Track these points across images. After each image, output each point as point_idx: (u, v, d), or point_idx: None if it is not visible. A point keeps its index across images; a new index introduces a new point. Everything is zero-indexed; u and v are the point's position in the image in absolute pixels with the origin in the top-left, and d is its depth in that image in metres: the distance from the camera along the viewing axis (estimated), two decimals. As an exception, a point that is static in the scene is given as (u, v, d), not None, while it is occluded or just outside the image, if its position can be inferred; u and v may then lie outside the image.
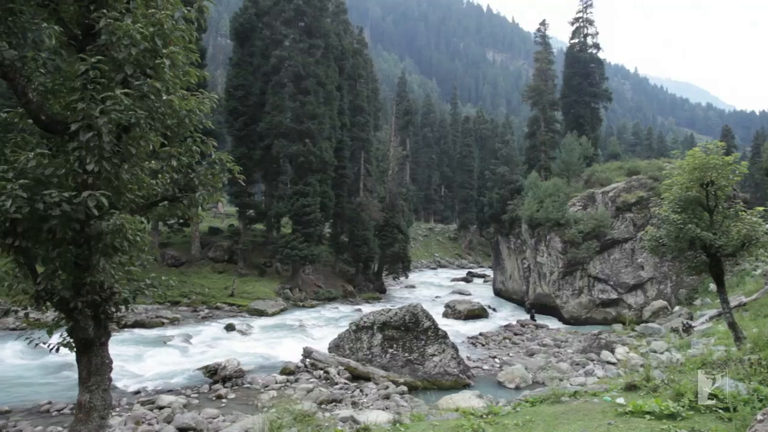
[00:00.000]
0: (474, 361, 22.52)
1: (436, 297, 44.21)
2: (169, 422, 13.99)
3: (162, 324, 26.57)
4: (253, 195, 45.24)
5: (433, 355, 20.07)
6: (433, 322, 21.15)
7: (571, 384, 16.26)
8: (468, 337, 27.58)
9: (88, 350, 6.41)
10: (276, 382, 18.39)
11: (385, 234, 47.21)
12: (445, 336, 20.87)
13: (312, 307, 35.40)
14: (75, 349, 6.48)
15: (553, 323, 33.67)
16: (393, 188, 50.27)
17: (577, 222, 34.65)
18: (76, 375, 6.65)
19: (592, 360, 21.66)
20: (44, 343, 6.81)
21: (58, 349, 6.70)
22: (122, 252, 6.36)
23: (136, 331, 24.82)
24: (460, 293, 46.48)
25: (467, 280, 59.21)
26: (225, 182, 8.51)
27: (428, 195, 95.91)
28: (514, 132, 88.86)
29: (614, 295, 33.32)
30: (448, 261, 78.66)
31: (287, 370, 19.70)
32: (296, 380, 18.79)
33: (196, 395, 17.00)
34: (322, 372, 19.45)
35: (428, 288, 51.46)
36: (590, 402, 8.55)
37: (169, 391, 17.15)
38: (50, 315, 6.73)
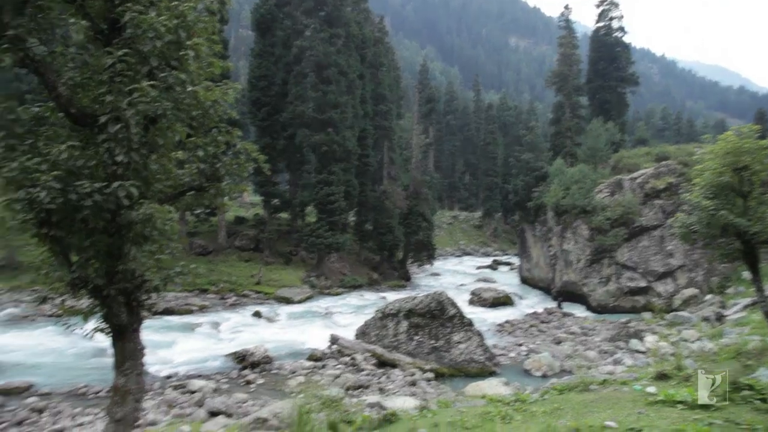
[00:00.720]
0: (500, 349, 22.46)
1: (461, 285, 44.10)
2: (200, 406, 14.30)
3: (191, 311, 27.00)
4: (278, 184, 45.52)
5: (459, 342, 20.07)
6: (459, 309, 21.14)
7: (599, 372, 16.13)
8: (494, 325, 27.50)
9: (121, 336, 6.57)
10: (303, 368, 18.63)
11: (410, 222, 47.12)
12: (470, 323, 20.85)
13: (337, 294, 35.64)
14: (109, 335, 6.65)
15: (580, 311, 33.35)
16: (417, 176, 50.08)
17: (604, 209, 34.14)
18: (110, 360, 6.82)
19: (621, 348, 21.42)
20: (80, 329, 6.99)
21: (93, 335, 6.88)
22: (152, 241, 6.48)
23: (167, 318, 25.27)
24: (486, 281, 46.27)
25: (492, 267, 58.88)
26: (250, 172, 8.59)
27: (452, 183, 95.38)
28: (538, 118, 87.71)
29: (643, 283, 32.82)
30: (472, 249, 78.28)
31: (314, 357, 19.91)
32: (323, 366, 18.99)
33: (225, 380, 17.33)
34: (348, 358, 19.62)
35: (453, 276, 51.34)
36: (619, 390, 8.47)
37: (199, 376, 17.51)
38: (85, 302, 6.90)
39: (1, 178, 6.42)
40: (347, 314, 28.60)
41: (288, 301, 31.37)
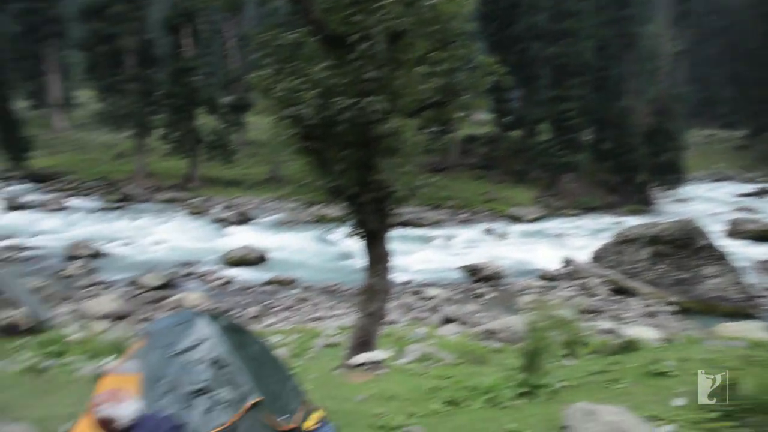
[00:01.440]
0: (762, 290, 19.51)
1: (715, 213, 38.90)
2: (434, 312, 15.36)
3: (425, 225, 28.51)
4: (510, 101, 44.43)
5: (709, 276, 17.97)
6: (711, 240, 18.82)
7: None
8: (756, 262, 23.84)
9: (372, 241, 7.25)
10: (534, 287, 18.65)
11: (654, 141, 42.46)
12: (723, 257, 18.48)
13: (570, 216, 34.33)
14: (362, 239, 7.38)
15: None
16: (665, 89, 44.46)
17: None
18: (355, 263, 7.62)
19: None
20: (334, 234, 7.89)
21: (342, 241, 7.73)
22: (399, 154, 6.88)
23: (404, 229, 27.04)
24: (748, 210, 40.12)
25: (759, 195, 50.56)
26: (488, 86, 8.47)
27: (709, 96, 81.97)
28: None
29: None
30: (732, 173, 67.91)
31: (545, 276, 19.77)
32: (554, 287, 18.75)
33: (457, 291, 18.25)
34: (581, 281, 19.01)
35: (705, 203, 45.45)
36: None
37: (434, 285, 18.74)
38: (335, 211, 7.72)
39: (272, 98, 7.32)
40: (580, 237, 27.48)
41: (519, 219, 31.28)
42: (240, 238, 23.99)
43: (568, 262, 20.63)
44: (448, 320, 14.50)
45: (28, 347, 9.38)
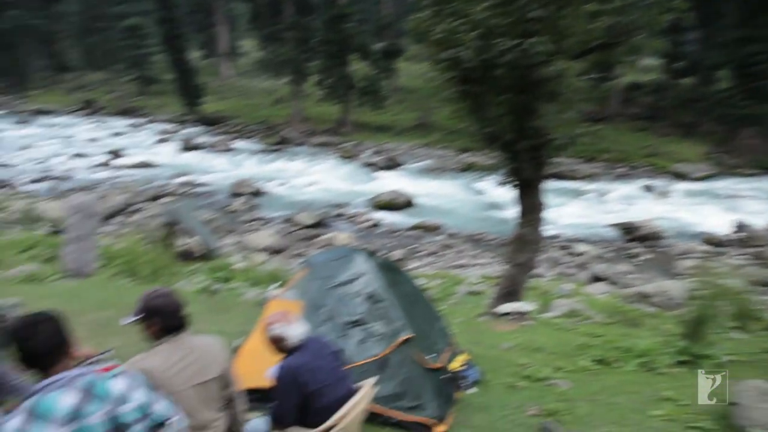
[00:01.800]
0: None
1: None
2: (582, 269, 14.71)
3: (578, 178, 27.03)
4: (684, 44, 39.80)
5: None
6: None
7: None
8: None
9: (526, 190, 7.01)
10: (696, 251, 17.03)
11: None
12: None
13: (747, 176, 30.49)
14: (514, 188, 7.16)
15: None
16: None
17: None
18: (502, 214, 7.43)
19: None
20: (483, 182, 7.75)
21: (493, 188, 7.57)
22: (560, 99, 6.46)
23: (555, 182, 25.78)
24: None
25: None
26: (664, 25, 7.64)
27: None
28: None
29: None
30: None
31: (711, 241, 17.92)
32: (721, 254, 16.97)
33: (608, 249, 17.24)
34: (755, 250, 16.99)
35: None
36: None
37: (583, 241, 17.86)
38: (488, 159, 7.54)
39: (429, 41, 7.21)
40: (758, 200, 24.41)
41: (684, 177, 28.44)
42: (388, 182, 24.59)
43: (740, 227, 18.51)
44: (596, 278, 13.83)
45: (201, 271, 10.51)
